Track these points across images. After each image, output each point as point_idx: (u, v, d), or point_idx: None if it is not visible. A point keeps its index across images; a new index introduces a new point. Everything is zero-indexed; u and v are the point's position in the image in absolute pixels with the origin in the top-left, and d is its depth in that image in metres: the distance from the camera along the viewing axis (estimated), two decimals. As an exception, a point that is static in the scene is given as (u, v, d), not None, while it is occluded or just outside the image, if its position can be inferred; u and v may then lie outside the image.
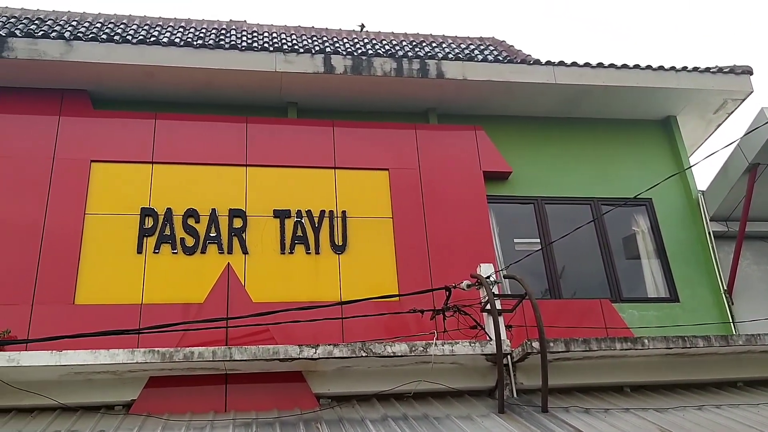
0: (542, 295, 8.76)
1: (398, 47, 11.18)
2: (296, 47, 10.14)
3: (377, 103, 9.46)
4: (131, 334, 6.73)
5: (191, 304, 7.68)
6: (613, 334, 7.84)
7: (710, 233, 9.38)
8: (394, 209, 8.70)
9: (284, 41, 10.96)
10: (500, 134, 9.56)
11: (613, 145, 10.02)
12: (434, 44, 11.88)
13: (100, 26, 10.65)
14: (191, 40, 9.93)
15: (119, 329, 6.33)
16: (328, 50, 9.53)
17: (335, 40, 11.87)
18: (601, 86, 9.50)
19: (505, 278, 7.69)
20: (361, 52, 9.69)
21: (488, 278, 6.58)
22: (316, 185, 8.68)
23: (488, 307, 6.45)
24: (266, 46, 9.81)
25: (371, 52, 9.85)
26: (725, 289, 9.07)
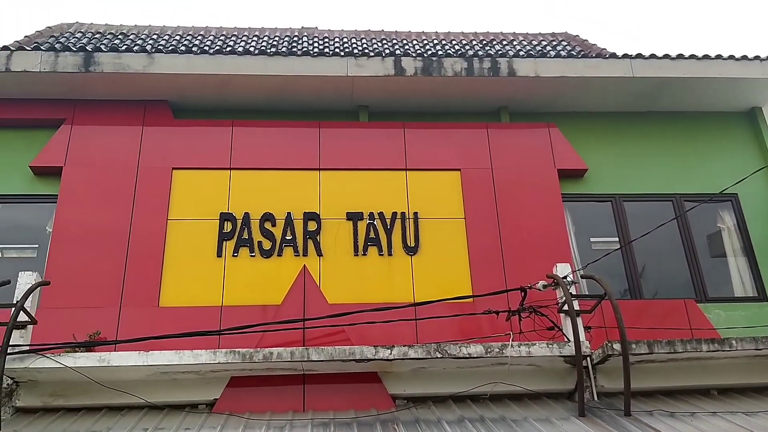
0: (621, 295, 8.53)
1: (468, 47, 11.11)
2: (367, 51, 10.24)
3: (448, 103, 9.43)
4: (213, 335, 6.90)
5: (269, 305, 7.84)
6: (698, 335, 7.60)
7: (801, 229, 8.91)
8: (466, 210, 8.65)
9: (355, 45, 11.08)
10: (575, 131, 9.37)
11: (694, 138, 9.65)
12: (505, 42, 11.74)
13: (179, 38, 11.05)
14: (265, 48, 10.18)
15: (201, 330, 6.50)
16: (398, 52, 9.57)
17: (405, 42, 11.91)
18: (680, 78, 9.19)
19: (582, 278, 7.53)
20: (431, 53, 9.69)
21: (565, 278, 6.44)
22: (387, 187, 8.73)
23: (566, 307, 6.32)
24: (337, 51, 9.94)
25: (441, 52, 9.83)
26: (818, 287, 8.59)
